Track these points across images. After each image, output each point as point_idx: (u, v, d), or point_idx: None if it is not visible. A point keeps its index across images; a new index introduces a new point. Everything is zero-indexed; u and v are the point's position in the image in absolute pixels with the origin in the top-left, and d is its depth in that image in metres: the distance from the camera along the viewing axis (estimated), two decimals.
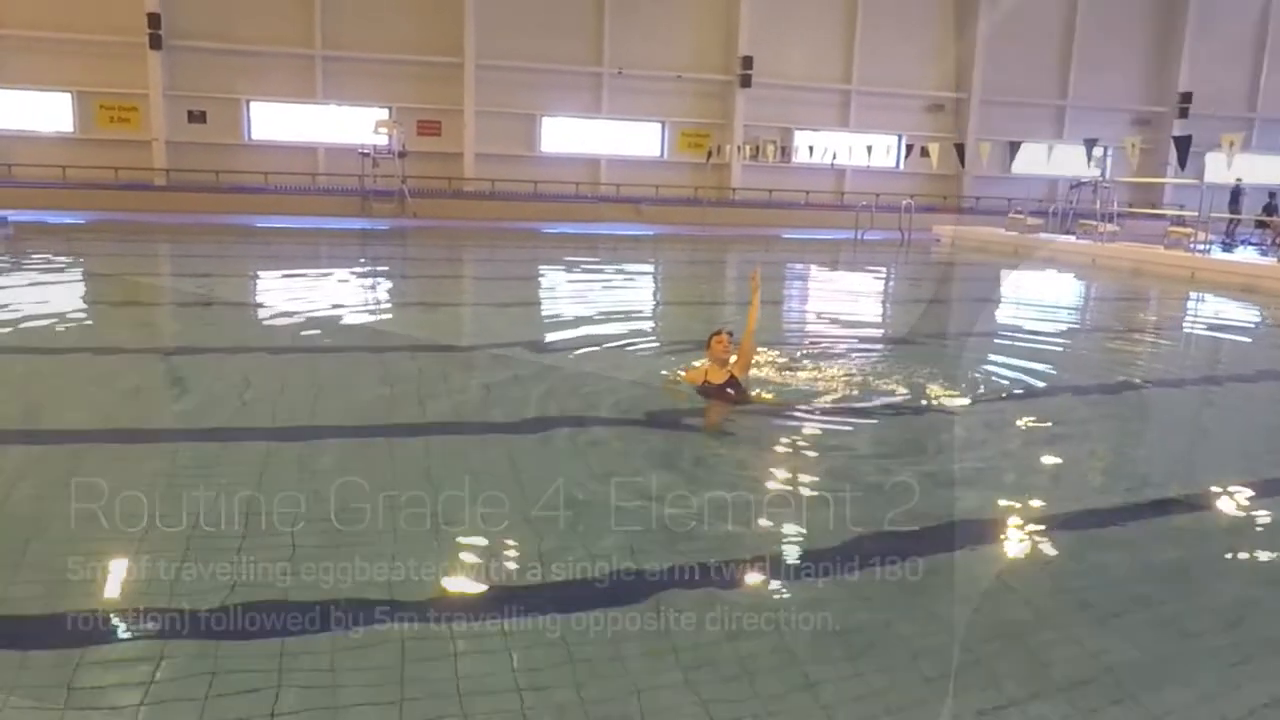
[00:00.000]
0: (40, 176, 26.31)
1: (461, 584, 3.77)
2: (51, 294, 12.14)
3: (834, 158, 29.60)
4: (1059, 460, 5.74)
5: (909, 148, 30.75)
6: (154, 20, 26.04)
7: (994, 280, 18.15)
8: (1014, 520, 4.61)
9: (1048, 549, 4.39)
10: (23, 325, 9.21)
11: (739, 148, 30.22)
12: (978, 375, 7.86)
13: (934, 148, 27.96)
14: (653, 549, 4.07)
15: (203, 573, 3.71)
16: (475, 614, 3.50)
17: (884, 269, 19.59)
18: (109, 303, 12.28)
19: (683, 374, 6.87)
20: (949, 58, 32.52)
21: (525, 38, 28.87)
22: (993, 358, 9.13)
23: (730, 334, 6.46)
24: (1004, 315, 13.63)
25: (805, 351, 8.65)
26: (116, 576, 3.78)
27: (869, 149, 29.06)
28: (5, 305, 10.47)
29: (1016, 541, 4.41)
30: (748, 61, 30.21)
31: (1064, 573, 4.16)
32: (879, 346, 9.66)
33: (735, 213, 29.29)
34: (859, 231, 24.87)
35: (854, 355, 8.59)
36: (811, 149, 29.92)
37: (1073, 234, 23.58)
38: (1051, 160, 30.66)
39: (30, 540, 4.07)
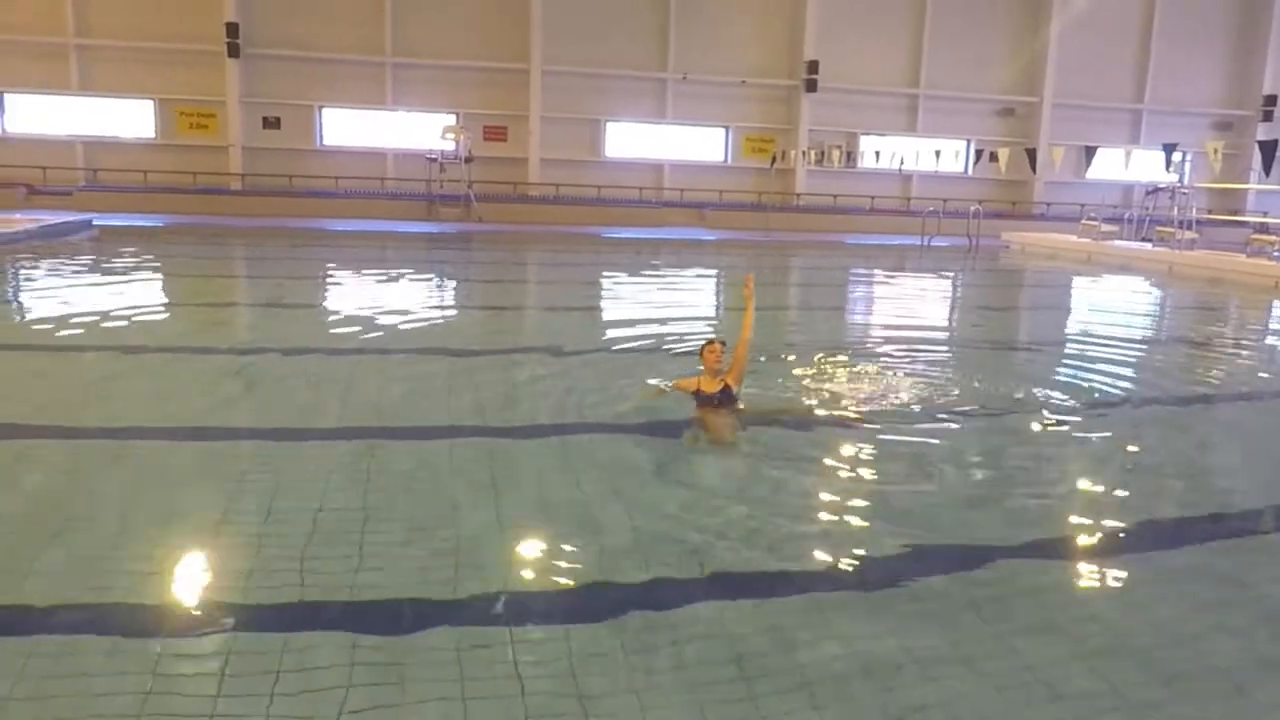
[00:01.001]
0: (123, 181, 27.26)
1: (522, 585, 3.81)
2: (130, 294, 12.57)
3: (901, 163, 29.21)
4: (1112, 478, 5.57)
5: (978, 153, 30.21)
6: (232, 29, 26.82)
7: (1064, 288, 17.73)
8: (1024, 543, 4.49)
9: (1085, 575, 4.26)
10: (102, 324, 9.55)
11: (804, 153, 30.01)
12: (1034, 386, 7.67)
13: (1003, 153, 27.41)
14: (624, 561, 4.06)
15: (273, 568, 3.81)
16: (534, 616, 3.53)
17: (950, 275, 19.26)
18: (184, 303, 12.69)
19: (667, 385, 6.72)
20: (1020, 61, 31.88)
21: (590, 44, 29.09)
22: (1056, 367, 8.94)
23: (723, 343, 6.33)
24: (1073, 324, 13.33)
25: (851, 359, 8.55)
26: (194, 569, 3.90)
27: (937, 154, 28.59)
28: (87, 305, 10.86)
29: (1028, 569, 4.27)
30: (813, 66, 29.99)
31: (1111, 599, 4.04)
32: (934, 355, 9.46)
33: (799, 218, 29.08)
34: (925, 237, 24.51)
35: (906, 364, 8.45)
36: (878, 154, 29.54)
37: (1149, 241, 22.92)
38: (1128, 165, 29.75)
39: (113, 532, 4.22)
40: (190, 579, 3.80)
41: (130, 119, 28.16)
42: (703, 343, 6.38)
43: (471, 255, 20.03)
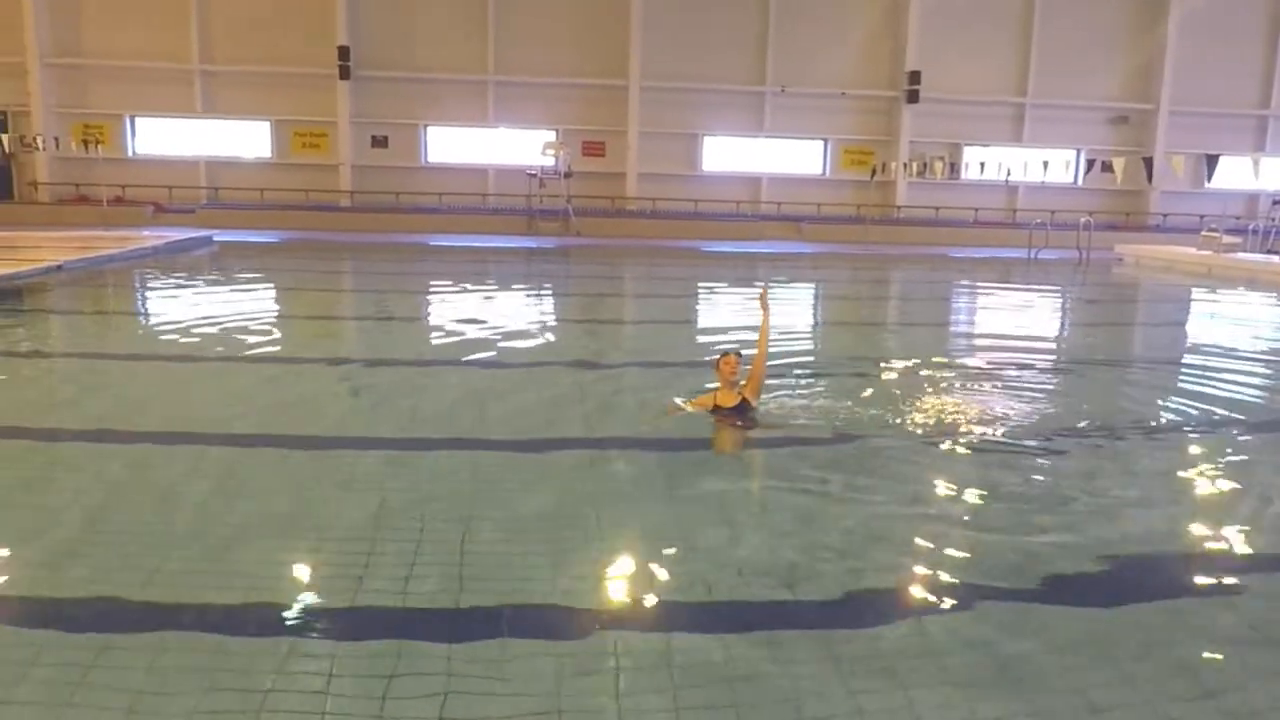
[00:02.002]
0: (241, 199, 28.60)
1: (619, 597, 3.84)
2: (246, 306, 13.18)
3: (1008, 174, 28.42)
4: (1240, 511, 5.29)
5: (1089, 162, 29.17)
6: (344, 53, 27.90)
7: (1182, 303, 16.94)
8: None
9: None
10: (219, 335, 10.03)
11: (905, 164, 29.48)
12: (1143, 407, 7.35)
13: (1119, 162, 26.35)
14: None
15: (382, 574, 3.95)
16: (632, 627, 3.56)
17: (1058, 289, 18.63)
18: (295, 315, 13.22)
19: (682, 401, 6.65)
20: (1133, 66, 30.67)
21: (688, 59, 29.23)
22: (1170, 387, 8.55)
23: (739, 355, 6.21)
24: (1191, 341, 12.71)
25: (948, 374, 8.35)
26: (306, 574, 4.06)
27: (1045, 164, 27.69)
28: (206, 317, 11.42)
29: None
30: (915, 77, 29.47)
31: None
32: (1035, 372, 9.15)
33: (900, 231, 28.57)
34: (1032, 250, 23.76)
35: (1002, 380, 8.23)
36: (983, 165, 28.75)
37: (1276, 254, 21.72)
38: (1256, 174, 28.27)
39: (230, 537, 4.43)
40: (311, 582, 3.96)
41: (249, 139, 29.53)
42: (717, 355, 6.29)
43: (570, 269, 20.31)
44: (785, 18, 29.48)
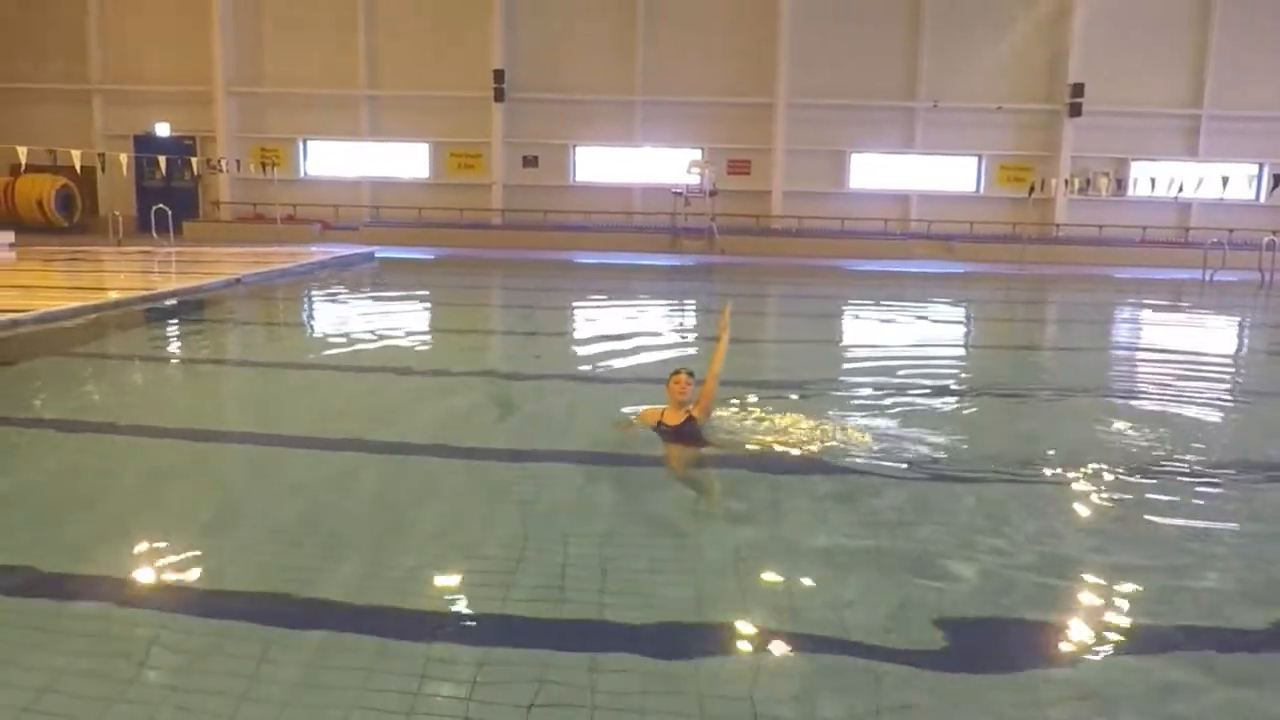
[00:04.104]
0: (401, 217, 30.02)
1: (754, 618, 3.79)
2: (402, 320, 13.80)
3: (1179, 190, 26.72)
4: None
5: (1275, 178, 27.10)
6: (499, 76, 28.96)
7: None
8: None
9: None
10: (378, 346, 10.51)
11: (1066, 181, 28.13)
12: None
13: None
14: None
15: (529, 583, 4.03)
16: (769, 643, 3.51)
17: (1234, 313, 17.35)
18: (448, 329, 13.74)
19: (631, 414, 6.52)
20: None
21: (837, 75, 28.88)
22: None
23: (691, 374, 5.97)
24: None
25: (1104, 400, 7.86)
26: (456, 579, 4.19)
27: (1224, 180, 25.88)
28: (366, 330, 12.01)
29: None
30: (1078, 89, 28.15)
31: None
32: (1195, 404, 8.52)
33: (1059, 250, 27.26)
34: (1207, 271, 22.23)
35: (1161, 409, 7.69)
36: (1153, 181, 27.09)
37: None
38: None
39: (382, 540, 4.62)
40: (458, 588, 4.09)
41: (409, 161, 30.99)
42: (670, 372, 6.13)
43: (713, 287, 20.32)
44: (938, 31, 28.75)
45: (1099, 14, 28.02)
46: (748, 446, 6.15)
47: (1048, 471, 5.86)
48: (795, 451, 6.05)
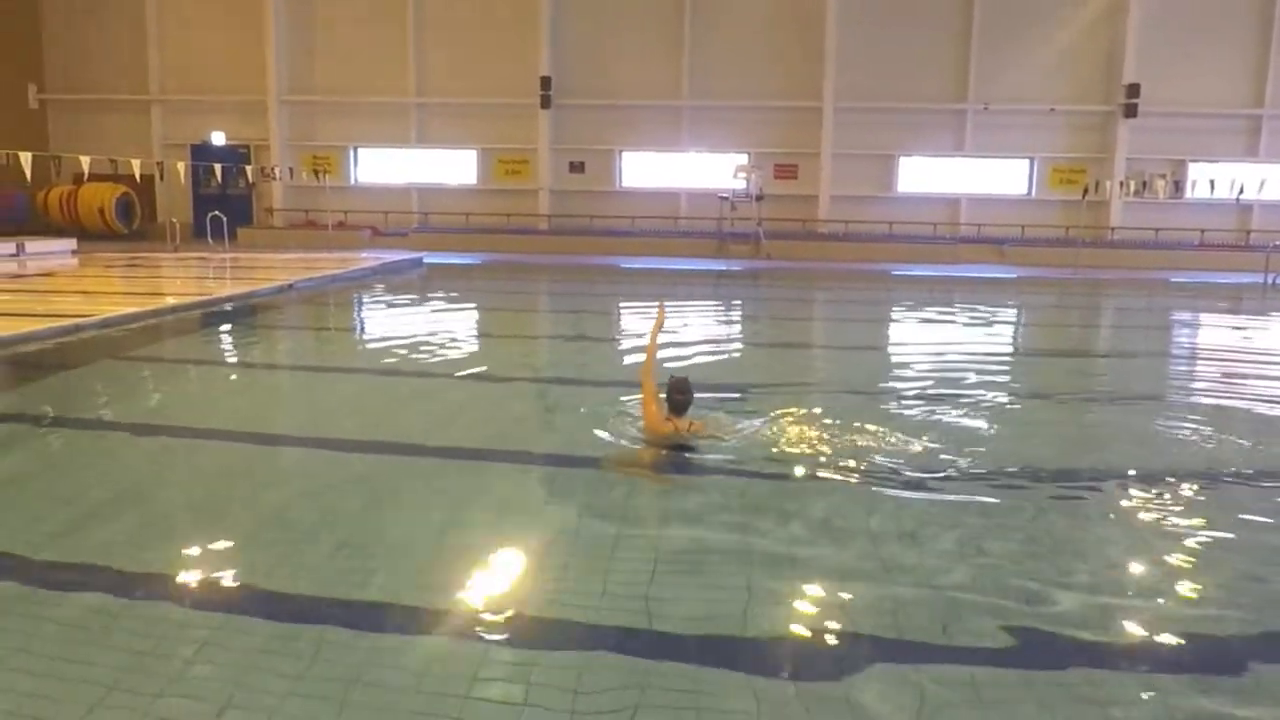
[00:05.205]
0: (448, 223, 30.33)
1: (809, 631, 3.76)
2: (451, 325, 13.94)
3: (1240, 192, 26.04)
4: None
5: None
6: (545, 83, 29.14)
7: None
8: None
9: None
10: (426, 352, 10.62)
11: (1121, 183, 27.55)
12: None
13: None
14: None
15: (583, 589, 4.04)
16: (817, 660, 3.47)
17: None
18: (497, 334, 13.85)
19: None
20: None
21: (885, 78, 28.61)
22: None
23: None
24: None
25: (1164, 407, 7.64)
26: (512, 583, 4.22)
27: None
28: (415, 335, 12.14)
29: None
30: (1133, 89, 27.57)
31: None
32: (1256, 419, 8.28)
33: (1113, 254, 26.72)
34: (1270, 275, 21.61)
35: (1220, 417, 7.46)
36: (1213, 183, 26.38)
37: None
38: None
39: (433, 544, 4.67)
40: (511, 590, 4.12)
41: (456, 167, 31.32)
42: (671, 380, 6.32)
43: (759, 292, 20.25)
44: (989, 32, 28.34)
45: (1155, 12, 27.44)
46: (793, 454, 6.11)
47: (1120, 481, 5.74)
48: (850, 461, 5.99)
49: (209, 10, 30.64)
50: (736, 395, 8.18)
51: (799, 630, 3.72)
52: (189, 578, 4.17)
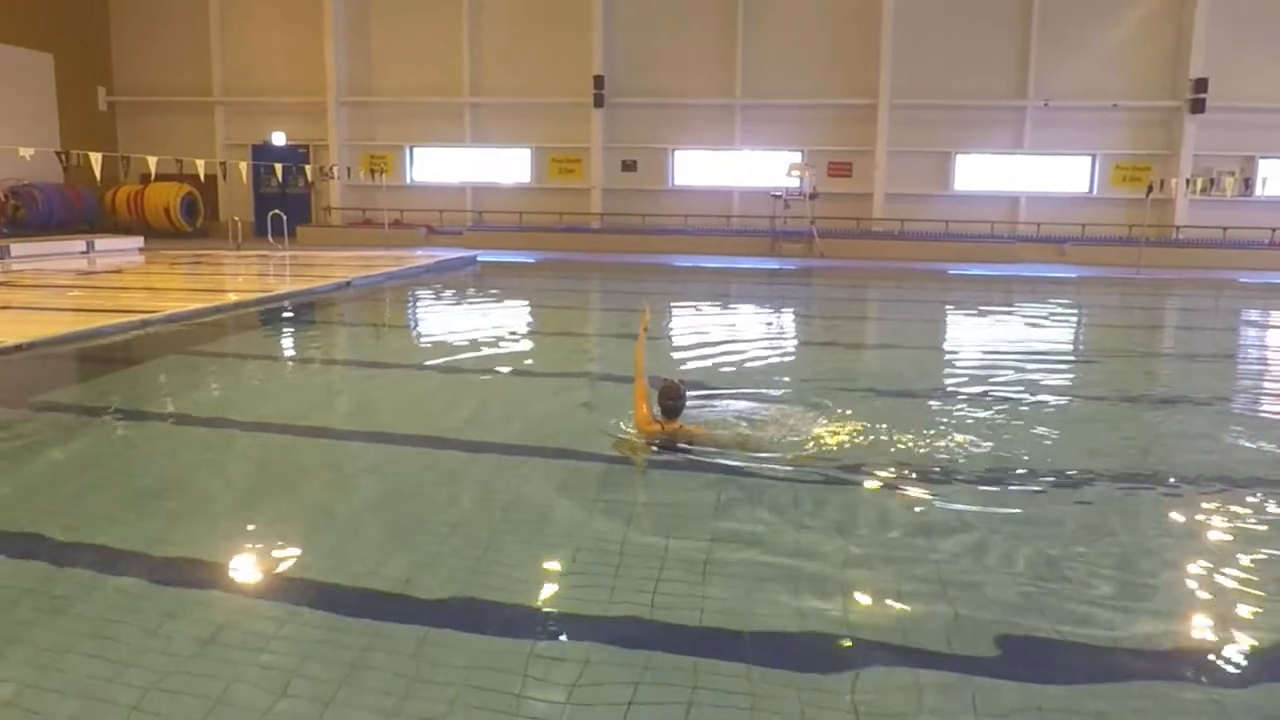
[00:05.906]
0: (502, 221, 30.60)
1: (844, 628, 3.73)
2: (506, 322, 14.05)
3: None
4: None
5: None
6: (599, 82, 29.24)
7: None
8: None
9: None
10: (481, 349, 10.72)
11: (1188, 181, 26.80)
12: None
13: None
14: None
15: (625, 588, 4.05)
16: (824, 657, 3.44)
17: None
18: (547, 331, 13.93)
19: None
20: None
21: (941, 75, 28.21)
22: None
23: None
24: None
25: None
26: (555, 579, 4.25)
27: None
28: (467, 331, 12.27)
29: None
30: (1201, 84, 26.79)
31: None
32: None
33: (1178, 253, 26.00)
34: None
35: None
36: None
37: None
38: None
39: (487, 538, 4.71)
40: (563, 588, 4.15)
41: (510, 166, 31.57)
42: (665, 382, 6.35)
43: (813, 291, 20.09)
44: (1049, 27, 27.78)
45: (1222, 4, 26.64)
46: (840, 453, 6.06)
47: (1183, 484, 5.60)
48: (902, 462, 5.93)
49: (270, 16, 31.32)
50: (777, 394, 8.15)
51: (880, 649, 3.69)
52: (252, 566, 4.28)
